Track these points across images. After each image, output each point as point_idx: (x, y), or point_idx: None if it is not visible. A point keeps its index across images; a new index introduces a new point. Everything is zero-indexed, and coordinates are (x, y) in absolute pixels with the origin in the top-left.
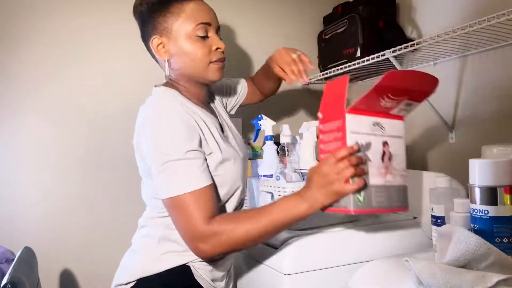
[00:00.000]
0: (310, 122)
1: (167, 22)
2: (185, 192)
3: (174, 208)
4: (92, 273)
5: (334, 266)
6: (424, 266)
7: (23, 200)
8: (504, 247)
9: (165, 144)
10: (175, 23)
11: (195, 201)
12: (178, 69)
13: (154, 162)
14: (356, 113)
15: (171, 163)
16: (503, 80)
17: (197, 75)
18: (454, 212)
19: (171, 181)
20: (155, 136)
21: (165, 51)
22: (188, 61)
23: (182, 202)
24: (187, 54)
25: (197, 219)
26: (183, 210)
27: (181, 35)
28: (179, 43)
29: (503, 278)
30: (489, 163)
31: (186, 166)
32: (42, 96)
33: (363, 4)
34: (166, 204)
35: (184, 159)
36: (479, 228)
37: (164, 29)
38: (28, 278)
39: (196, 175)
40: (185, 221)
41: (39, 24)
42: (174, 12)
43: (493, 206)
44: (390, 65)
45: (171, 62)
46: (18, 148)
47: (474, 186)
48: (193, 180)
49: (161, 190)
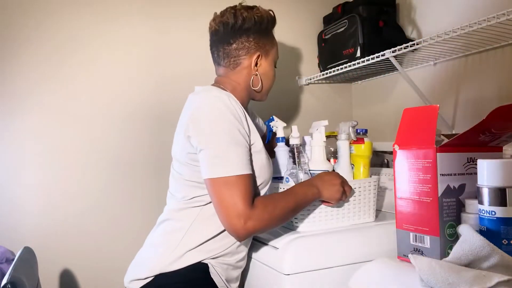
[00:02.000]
0: (320, 121)
1: (267, 46)
2: (238, 174)
3: (225, 186)
4: (92, 273)
5: (334, 266)
6: (424, 263)
7: (23, 200)
8: (511, 249)
9: (222, 129)
10: (272, 50)
11: (243, 183)
12: (256, 85)
13: (209, 144)
14: (447, 151)
15: (226, 146)
16: (503, 80)
17: (264, 94)
18: (464, 213)
19: (226, 162)
20: (211, 120)
21: (257, 69)
22: (269, 84)
23: (233, 181)
24: (271, 77)
25: (246, 198)
26: (233, 189)
27: (271, 61)
28: (270, 67)
29: (504, 279)
30: (497, 163)
31: (239, 151)
32: (42, 96)
33: (363, 4)
34: (213, 184)
35: (237, 145)
36: (487, 229)
37: (265, 51)
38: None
39: (246, 162)
40: (234, 199)
41: (39, 25)
42: (273, 41)
43: (501, 207)
44: (390, 65)
45: (259, 78)
46: (18, 148)
47: (482, 187)
48: (244, 165)
49: (213, 171)
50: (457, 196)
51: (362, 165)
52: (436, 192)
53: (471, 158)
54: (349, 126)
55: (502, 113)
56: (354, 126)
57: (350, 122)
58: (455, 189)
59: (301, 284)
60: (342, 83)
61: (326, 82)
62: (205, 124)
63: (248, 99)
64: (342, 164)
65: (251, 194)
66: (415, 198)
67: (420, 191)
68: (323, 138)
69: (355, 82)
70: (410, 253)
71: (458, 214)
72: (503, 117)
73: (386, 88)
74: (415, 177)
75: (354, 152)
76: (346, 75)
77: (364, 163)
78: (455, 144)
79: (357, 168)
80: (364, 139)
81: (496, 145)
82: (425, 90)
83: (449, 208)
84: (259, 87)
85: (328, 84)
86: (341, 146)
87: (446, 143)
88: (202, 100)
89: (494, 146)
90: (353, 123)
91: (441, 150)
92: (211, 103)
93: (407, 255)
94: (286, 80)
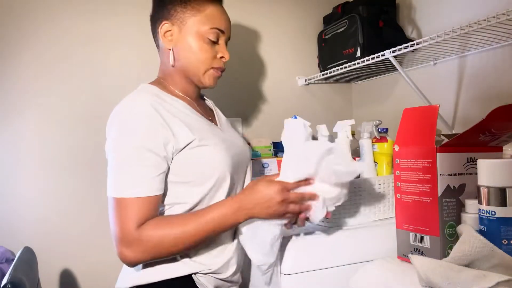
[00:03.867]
0: (345, 121)
1: (185, 14)
2: (126, 197)
3: (114, 207)
4: (92, 273)
5: (334, 266)
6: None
7: (23, 200)
8: (511, 249)
9: (122, 146)
10: (192, 18)
11: (132, 207)
12: (178, 60)
13: (109, 160)
14: (447, 151)
15: (120, 165)
16: (503, 80)
17: (193, 74)
18: (464, 213)
19: (116, 183)
20: (114, 137)
21: (171, 40)
22: (191, 58)
23: (121, 204)
24: (193, 51)
25: (129, 223)
26: (121, 211)
27: (193, 32)
28: (189, 38)
29: (504, 279)
30: (497, 163)
31: (135, 171)
32: (42, 96)
33: (363, 4)
34: (108, 203)
35: (136, 163)
36: (486, 229)
37: (179, 19)
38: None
39: (141, 182)
40: (119, 222)
41: (40, 26)
42: (195, 7)
43: (500, 207)
44: (390, 65)
45: (174, 52)
46: (18, 148)
47: (482, 187)
48: (139, 185)
49: (108, 189)
50: (457, 196)
51: (385, 163)
52: (436, 192)
53: (471, 158)
54: (373, 125)
55: (502, 113)
56: (377, 125)
57: (373, 121)
58: (455, 189)
59: (301, 284)
60: (342, 83)
61: (326, 82)
62: (110, 137)
63: (190, 83)
64: (366, 162)
65: (141, 217)
66: (415, 198)
67: (420, 191)
68: (350, 137)
69: (355, 82)
70: (410, 253)
71: (458, 214)
72: (503, 117)
73: (386, 88)
74: (415, 177)
75: (377, 150)
76: (346, 75)
77: (387, 161)
78: (455, 144)
79: (380, 165)
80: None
81: (496, 145)
82: (425, 90)
83: (449, 208)
84: (180, 64)
85: (328, 84)
86: (364, 144)
87: (446, 143)
88: (116, 108)
89: (494, 146)
90: (377, 122)
91: (441, 150)
92: (118, 112)
93: (407, 255)
94: (286, 80)
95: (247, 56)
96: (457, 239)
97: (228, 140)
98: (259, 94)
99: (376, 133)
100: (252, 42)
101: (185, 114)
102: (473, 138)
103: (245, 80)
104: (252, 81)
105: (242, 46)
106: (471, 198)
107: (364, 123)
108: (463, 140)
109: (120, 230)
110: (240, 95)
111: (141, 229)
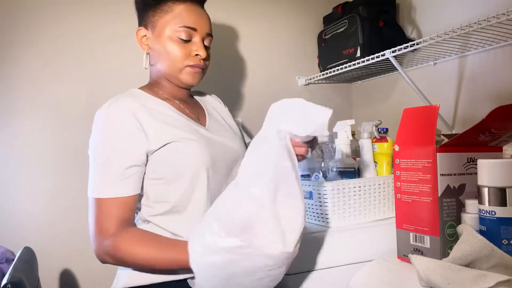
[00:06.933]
0: (345, 121)
1: (154, 17)
2: (103, 197)
3: (91, 206)
4: (92, 273)
5: (334, 266)
6: (424, 262)
7: (23, 200)
8: (511, 249)
9: (99, 148)
10: (161, 20)
11: (106, 207)
12: (155, 64)
13: (90, 161)
14: (447, 151)
15: (97, 167)
16: (503, 80)
17: (170, 75)
18: (464, 213)
19: (92, 184)
20: (94, 133)
21: (147, 44)
22: (164, 60)
23: (96, 203)
24: (166, 53)
25: (105, 223)
26: (96, 211)
27: (164, 34)
28: (161, 40)
29: (504, 279)
30: (497, 163)
31: (109, 171)
32: (42, 96)
33: (363, 4)
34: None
35: (110, 164)
36: (486, 229)
37: (150, 23)
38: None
39: (121, 182)
40: (95, 220)
41: (40, 26)
42: (163, 9)
43: (501, 207)
44: (390, 65)
45: (150, 56)
46: (18, 148)
47: (482, 187)
48: (115, 186)
49: (88, 186)
50: (457, 196)
51: (385, 163)
52: (436, 192)
53: (471, 158)
54: (373, 125)
55: (502, 113)
56: (377, 125)
57: (373, 121)
58: (455, 189)
59: (301, 284)
60: (342, 83)
61: (326, 82)
62: (90, 139)
63: (172, 85)
64: (366, 162)
65: (114, 218)
66: (415, 198)
67: (420, 191)
68: (350, 136)
69: (355, 82)
70: (410, 253)
71: (458, 214)
72: (503, 117)
73: (386, 88)
74: (415, 177)
75: (377, 150)
76: (346, 75)
77: (387, 161)
78: (455, 144)
79: (381, 165)
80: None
81: (496, 145)
82: (425, 90)
83: (449, 208)
84: (157, 67)
85: (328, 84)
86: (364, 144)
87: (446, 143)
88: (97, 112)
89: (494, 146)
90: (377, 122)
91: (441, 150)
92: (97, 116)
93: (407, 255)
94: (286, 80)
95: (247, 56)
96: (457, 239)
97: (213, 139)
98: (259, 94)
99: (376, 133)
100: (252, 42)
101: (167, 115)
102: (473, 138)
103: (245, 80)
104: (252, 81)
105: (242, 46)
106: (471, 198)
107: (364, 123)
108: (463, 140)
109: (96, 229)
110: (240, 95)
111: (120, 236)
